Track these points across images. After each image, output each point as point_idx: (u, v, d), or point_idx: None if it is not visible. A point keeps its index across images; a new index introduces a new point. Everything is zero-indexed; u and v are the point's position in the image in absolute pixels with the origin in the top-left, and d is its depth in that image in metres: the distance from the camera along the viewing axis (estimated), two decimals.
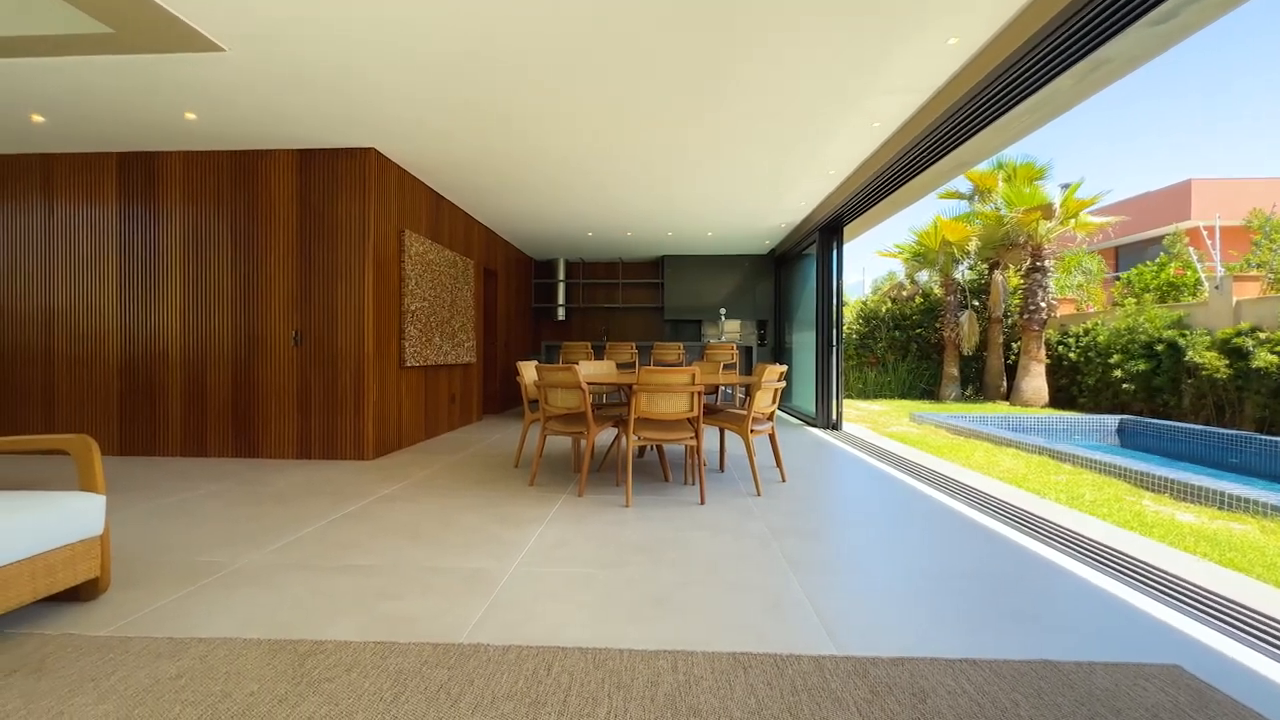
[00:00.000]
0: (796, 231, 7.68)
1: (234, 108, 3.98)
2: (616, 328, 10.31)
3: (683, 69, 3.37)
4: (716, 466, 4.48)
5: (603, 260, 10.15)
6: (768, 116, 4.04)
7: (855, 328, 13.04)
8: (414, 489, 3.77)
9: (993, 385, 11.73)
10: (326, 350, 4.76)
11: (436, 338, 5.82)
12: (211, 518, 3.11)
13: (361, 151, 4.72)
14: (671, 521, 3.09)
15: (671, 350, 7.04)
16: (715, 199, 6.22)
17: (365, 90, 3.71)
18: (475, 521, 3.06)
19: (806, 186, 5.73)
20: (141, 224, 4.89)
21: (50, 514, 1.88)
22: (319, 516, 3.13)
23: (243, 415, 4.83)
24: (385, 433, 5.00)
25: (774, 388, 3.86)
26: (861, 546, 2.77)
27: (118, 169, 4.90)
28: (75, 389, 4.97)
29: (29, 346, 5.00)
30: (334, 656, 1.69)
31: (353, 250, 4.74)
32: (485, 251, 7.56)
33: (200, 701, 1.47)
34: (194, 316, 4.87)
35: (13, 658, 1.68)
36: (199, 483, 3.90)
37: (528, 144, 4.62)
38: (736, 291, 9.59)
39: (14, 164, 4.95)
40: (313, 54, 3.26)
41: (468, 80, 3.54)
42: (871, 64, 3.29)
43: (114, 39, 3.12)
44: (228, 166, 4.83)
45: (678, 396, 3.40)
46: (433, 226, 5.93)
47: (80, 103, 3.92)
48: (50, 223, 4.96)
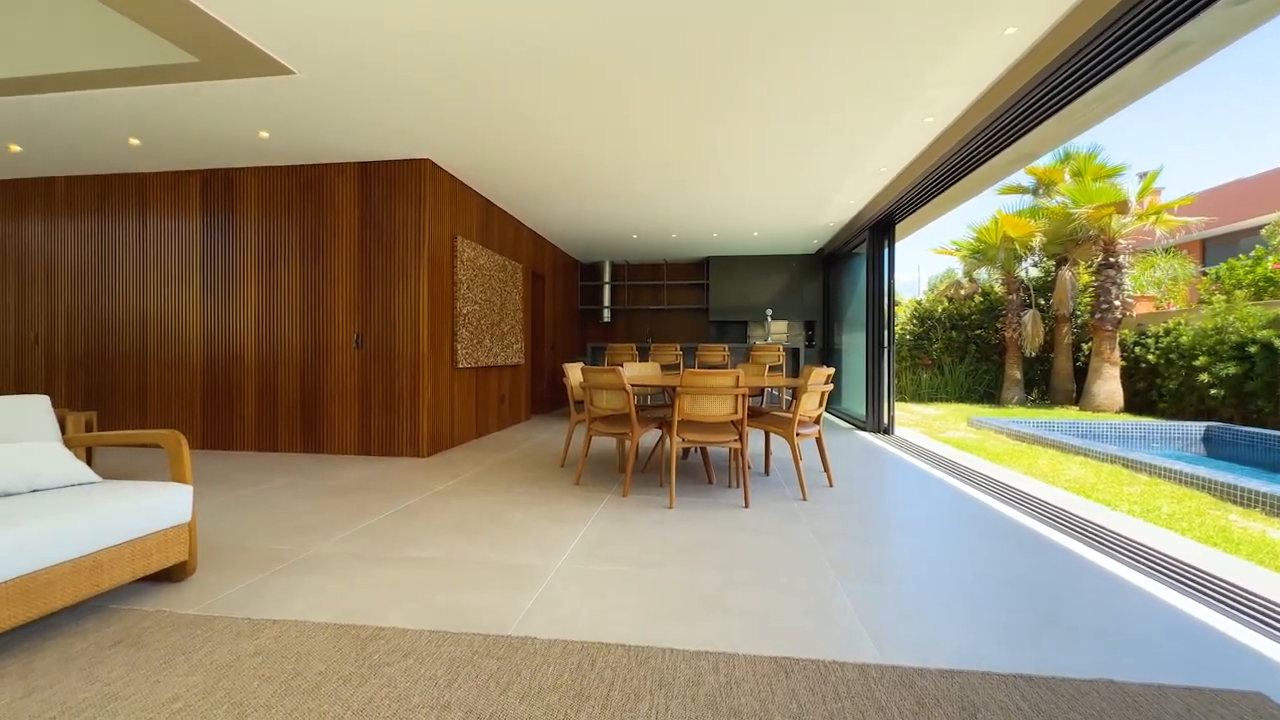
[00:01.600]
0: (845, 230, 7.49)
1: (302, 125, 4.25)
2: (661, 329, 10.34)
3: (729, 69, 3.37)
4: (761, 470, 4.44)
5: (648, 262, 10.21)
6: (816, 116, 3.97)
7: (909, 328, 12.58)
8: (465, 486, 3.91)
9: (1060, 389, 11.08)
10: (385, 352, 5.01)
11: (487, 340, 6.02)
12: (282, 509, 3.34)
13: (417, 162, 4.94)
14: (715, 523, 3.09)
15: (716, 352, 7.01)
16: (761, 200, 6.16)
17: (421, 105, 3.89)
18: (523, 519, 3.15)
19: (855, 185, 5.60)
20: (221, 236, 5.29)
21: (147, 503, 2.07)
22: (378, 510, 3.31)
23: (310, 413, 5.14)
24: (439, 431, 5.21)
25: (821, 391, 3.79)
26: (911, 553, 2.69)
27: (201, 186, 5.32)
28: (164, 387, 5.42)
29: (127, 349, 5.49)
30: (393, 642, 1.79)
31: (409, 256, 4.97)
32: (533, 255, 7.75)
33: (275, 678, 1.59)
34: (267, 321, 5.22)
35: (116, 630, 1.87)
36: (271, 476, 4.19)
37: (573, 152, 4.72)
38: (783, 292, 9.44)
39: (114, 184, 5.45)
40: (374, 73, 3.45)
41: (518, 95, 3.66)
42: (924, 58, 3.19)
43: (199, 67, 3.40)
44: (296, 180, 5.15)
45: (722, 399, 3.40)
46: (483, 232, 6.13)
47: (169, 127, 4.28)
48: (144, 236, 5.44)
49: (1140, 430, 7.97)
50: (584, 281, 10.33)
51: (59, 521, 1.79)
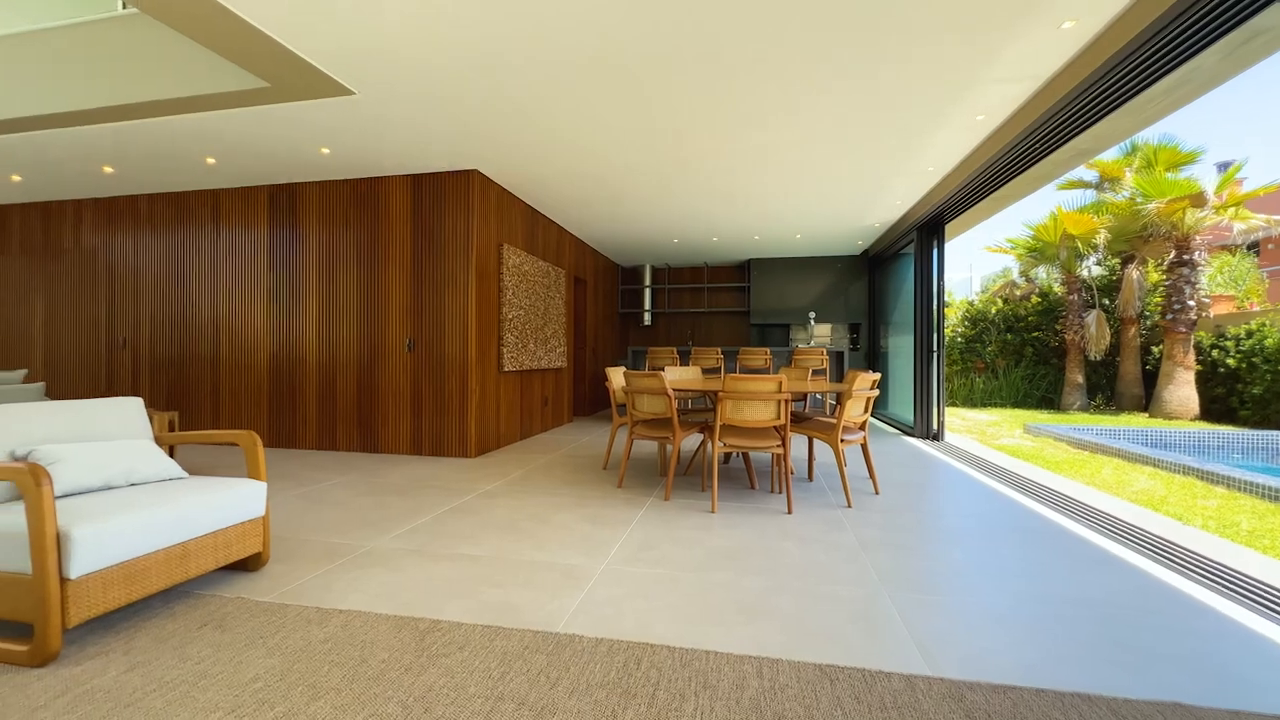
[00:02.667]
0: (892, 231, 7.32)
1: (359, 141, 4.49)
2: (702, 332, 10.33)
3: (775, 74, 3.37)
4: (804, 475, 4.39)
5: (688, 265, 10.22)
6: (863, 117, 3.92)
7: (960, 330, 12.13)
8: (512, 486, 4.04)
9: (1127, 394, 10.46)
10: (435, 356, 5.21)
11: (531, 344, 6.17)
12: (343, 505, 3.53)
13: (466, 174, 5.13)
14: (758, 529, 3.09)
15: (758, 355, 6.97)
16: (805, 202, 6.09)
17: (470, 121, 4.05)
18: (568, 520, 3.24)
19: (903, 185, 5.47)
20: (286, 246, 5.62)
21: (228, 498, 2.25)
22: (431, 509, 3.46)
23: (366, 414, 5.40)
24: (486, 432, 5.38)
25: (866, 396, 3.73)
26: (962, 565, 2.62)
27: (268, 199, 5.67)
28: (234, 388, 5.80)
29: (201, 352, 5.90)
30: (449, 635, 1.89)
31: (458, 264, 5.16)
32: (575, 261, 7.89)
33: (344, 664, 1.71)
34: (327, 326, 5.52)
35: (202, 614, 2.03)
36: (331, 473, 4.43)
37: (616, 162, 4.80)
38: (827, 294, 9.28)
39: (191, 200, 5.87)
40: (427, 93, 3.63)
41: (563, 109, 3.76)
42: (975, 54, 3.11)
43: (270, 91, 3.65)
44: (353, 192, 5.43)
45: (764, 404, 3.40)
46: (528, 239, 6.30)
47: (242, 146, 4.60)
48: (217, 247, 5.84)
49: (1218, 439, 7.45)
50: (624, 285, 10.43)
51: (155, 514, 1.97)
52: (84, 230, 6.23)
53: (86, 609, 1.77)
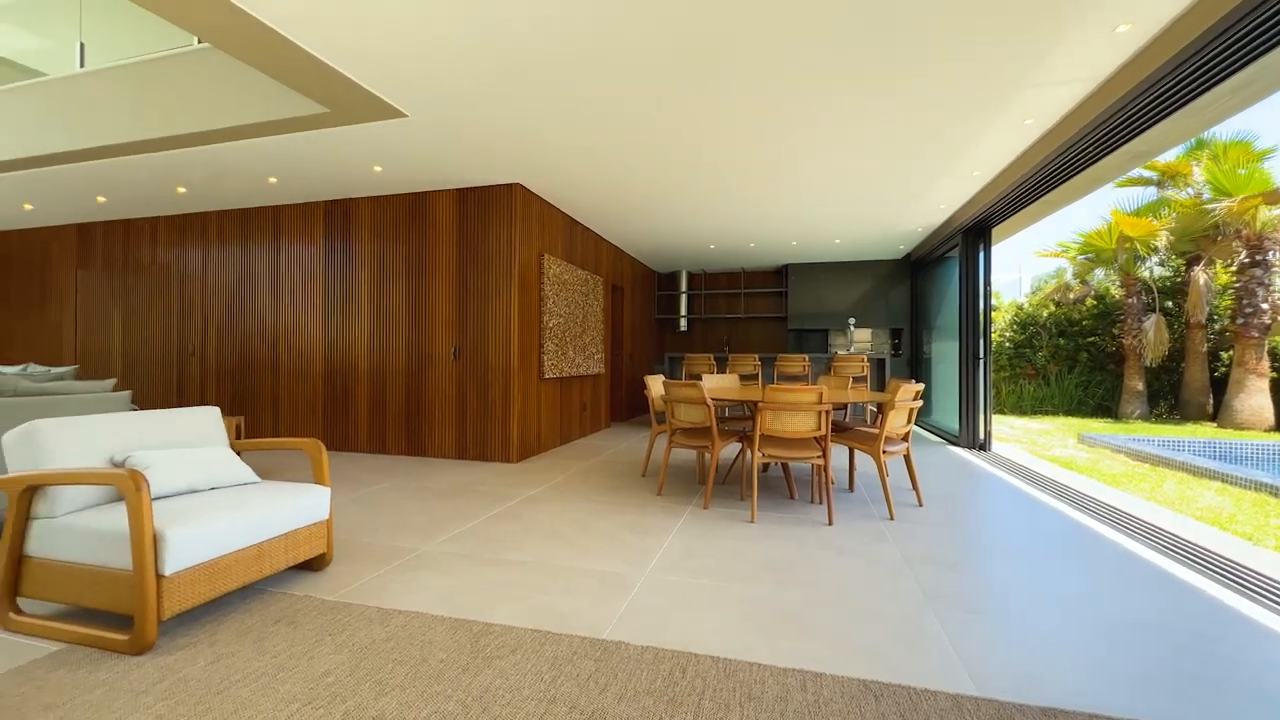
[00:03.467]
0: (935, 235, 7.15)
1: (410, 159, 4.70)
2: (739, 338, 10.29)
3: (816, 78, 3.38)
4: (845, 485, 4.35)
5: (724, 271, 10.21)
6: (905, 122, 3.88)
7: (1009, 335, 11.71)
8: (553, 492, 4.14)
9: (1193, 403, 9.89)
10: (479, 364, 5.39)
11: (570, 351, 6.30)
12: (395, 508, 3.70)
13: (509, 187, 5.29)
14: (798, 540, 3.09)
15: (796, 362, 6.91)
16: (846, 207, 6.03)
17: (515, 138, 4.19)
18: (609, 527, 3.31)
19: (946, 189, 5.35)
20: (340, 258, 5.91)
21: (297, 501, 2.41)
22: (477, 514, 3.59)
23: (414, 419, 5.62)
24: (527, 438, 5.52)
25: (909, 407, 3.68)
26: (1010, 583, 2.57)
27: (324, 215, 5.98)
28: (292, 394, 6.12)
29: (262, 360, 6.25)
30: (501, 638, 1.98)
31: (501, 274, 5.32)
32: (613, 268, 8.00)
33: (406, 662, 1.82)
34: (377, 335, 5.77)
35: (275, 610, 2.19)
36: (383, 477, 4.63)
37: (655, 170, 4.87)
38: (866, 299, 9.12)
39: (255, 216, 6.24)
40: (475, 113, 3.78)
41: (603, 126, 3.86)
42: (1024, 58, 3.05)
43: (329, 116, 3.87)
44: (402, 207, 5.67)
45: (804, 415, 3.40)
46: (568, 248, 6.43)
47: (301, 166, 4.88)
48: (278, 260, 6.18)
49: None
50: (661, 291, 10.49)
51: (234, 517, 2.14)
52: (158, 246, 6.70)
53: (177, 603, 1.94)
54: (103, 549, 1.95)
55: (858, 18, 2.69)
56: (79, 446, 2.18)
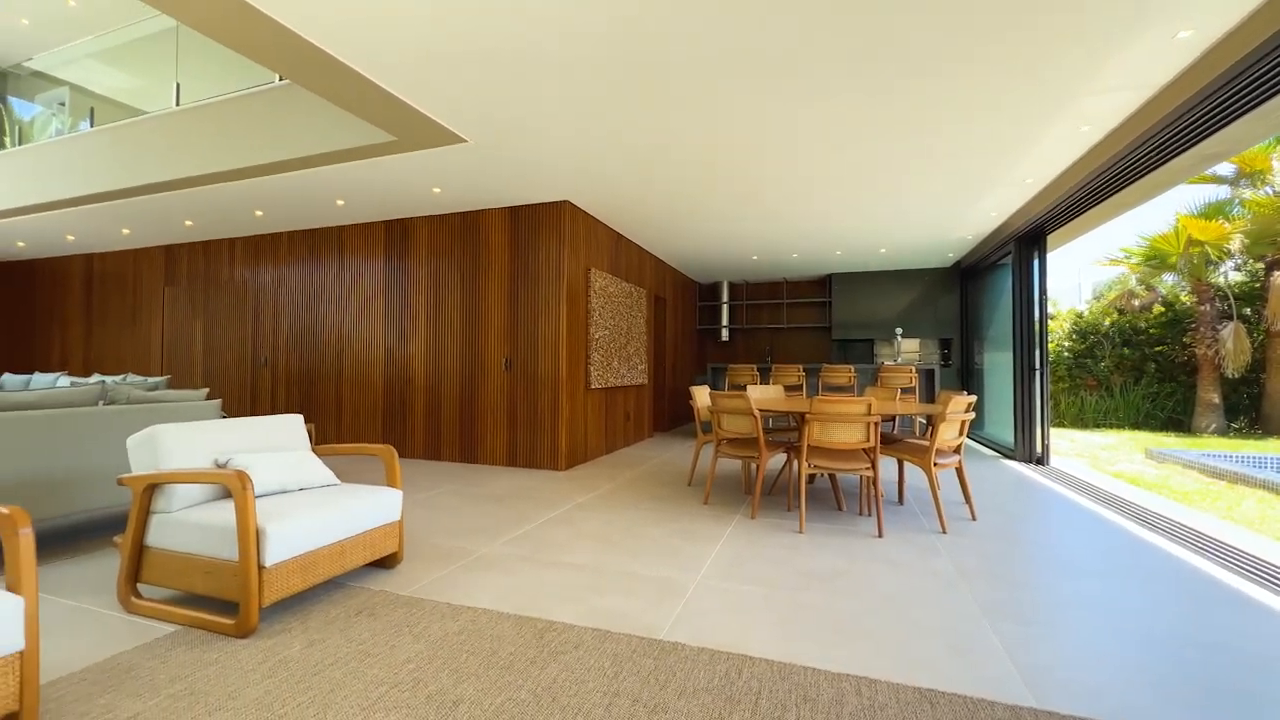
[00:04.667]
0: (986, 243, 6.99)
1: (467, 180, 4.97)
2: (781, 348, 10.24)
3: (864, 87, 3.43)
4: (894, 498, 4.31)
5: (766, 281, 10.21)
6: (955, 130, 3.87)
7: (1067, 344, 11.21)
8: (602, 500, 4.26)
9: (1276, 416, 9.23)
10: (529, 374, 5.59)
11: (615, 362, 6.45)
12: (454, 512, 3.89)
13: (558, 204, 5.51)
14: (847, 551, 3.11)
15: (842, 373, 6.85)
16: (893, 216, 5.99)
17: (565, 159, 4.39)
18: (658, 535, 3.40)
19: (998, 197, 5.26)
20: (399, 275, 6.26)
21: (374, 502, 2.61)
22: (531, 518, 3.74)
23: (467, 427, 5.87)
24: (575, 446, 5.68)
25: (961, 419, 3.64)
26: (1072, 599, 2.52)
27: (385, 234, 6.35)
28: (355, 403, 6.48)
29: (327, 370, 6.65)
30: (563, 635, 2.10)
31: (550, 288, 5.53)
32: (656, 280, 8.14)
33: (478, 653, 1.96)
34: (434, 346, 6.07)
35: (356, 603, 2.38)
36: (440, 482, 4.86)
37: (700, 185, 4.98)
38: (914, 308, 8.94)
39: (321, 236, 6.68)
40: (530, 137, 4.00)
41: (649, 143, 4.00)
42: (1081, 63, 3.02)
43: (395, 143, 4.16)
44: (458, 225, 5.97)
45: (852, 426, 3.41)
46: (613, 262, 6.61)
47: (366, 189, 5.22)
48: (342, 277, 6.59)
49: None
50: (702, 302, 10.56)
51: (323, 515, 2.34)
52: (236, 264, 7.24)
53: (275, 592, 2.14)
54: (211, 541, 2.17)
55: (929, 32, 2.75)
56: (189, 449, 2.43)
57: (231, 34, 2.83)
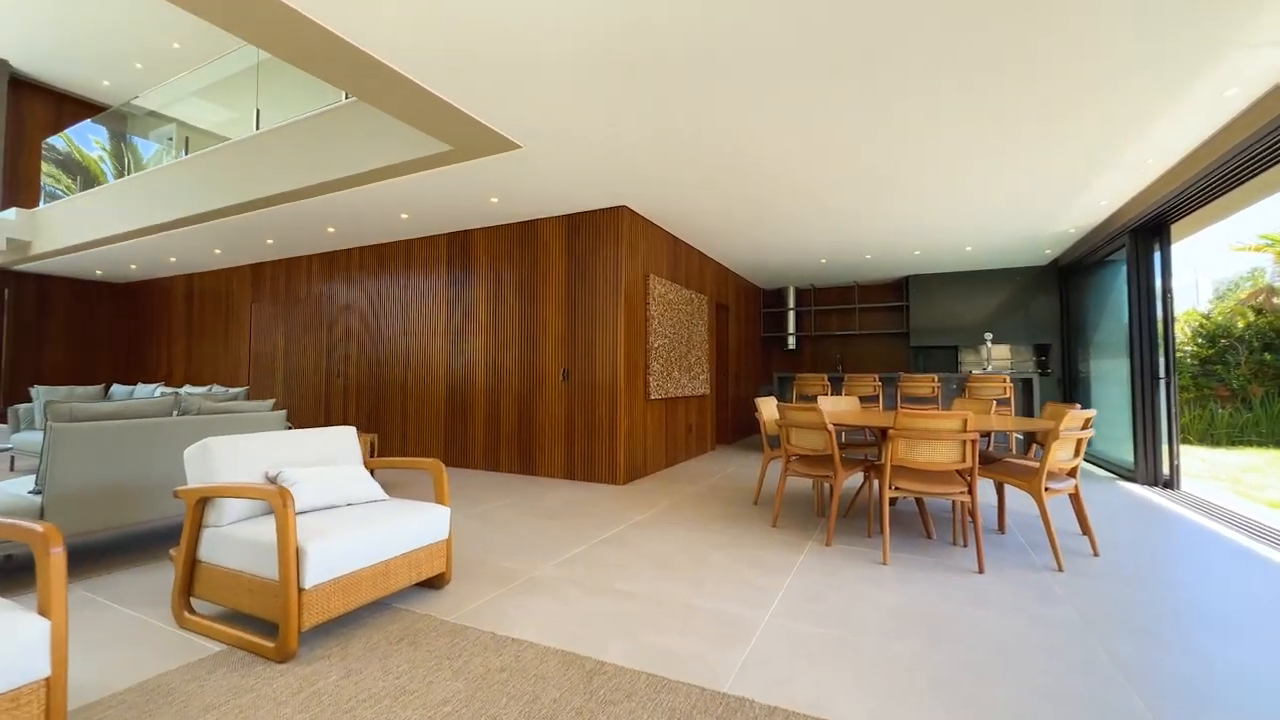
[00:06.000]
0: (1092, 237, 6.21)
1: (523, 189, 4.90)
2: (852, 356, 9.63)
3: (958, 68, 3.04)
4: (993, 525, 3.79)
5: (836, 285, 9.65)
6: (1065, 111, 3.38)
7: (1190, 349, 9.88)
8: (662, 518, 4.01)
9: None
10: (587, 385, 5.44)
11: (676, 371, 6.20)
12: (509, 527, 3.76)
13: (615, 210, 5.36)
14: (941, 589, 2.69)
15: (923, 383, 6.26)
16: (983, 213, 5.42)
17: (622, 166, 4.23)
18: (723, 561, 3.10)
19: (1110, 182, 4.61)
20: (460, 286, 6.31)
21: (421, 521, 2.49)
22: (586, 537, 3.54)
23: (525, 439, 5.80)
24: (634, 460, 5.46)
25: (1077, 438, 3.12)
26: (1246, 666, 2.02)
27: (447, 245, 6.44)
28: (419, 412, 6.58)
29: (394, 379, 6.81)
30: (614, 680, 1.86)
31: (608, 297, 5.37)
32: (717, 286, 7.84)
33: (520, 697, 1.75)
34: (493, 357, 6.05)
35: (399, 628, 2.25)
36: (497, 495, 4.77)
37: (766, 189, 4.68)
38: (1003, 311, 8.13)
39: (390, 250, 6.88)
40: (586, 145, 3.86)
41: (712, 145, 3.76)
42: (1231, 13, 2.51)
43: (452, 153, 4.14)
44: (515, 235, 5.95)
45: (945, 444, 2.99)
46: (672, 268, 6.39)
47: (427, 201, 5.28)
48: (408, 288, 6.74)
49: None
50: (767, 308, 10.13)
51: (366, 534, 2.23)
52: (312, 279, 7.60)
53: (315, 615, 2.04)
54: (256, 558, 2.11)
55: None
56: (241, 462, 2.40)
57: (299, 52, 2.85)
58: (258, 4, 2.47)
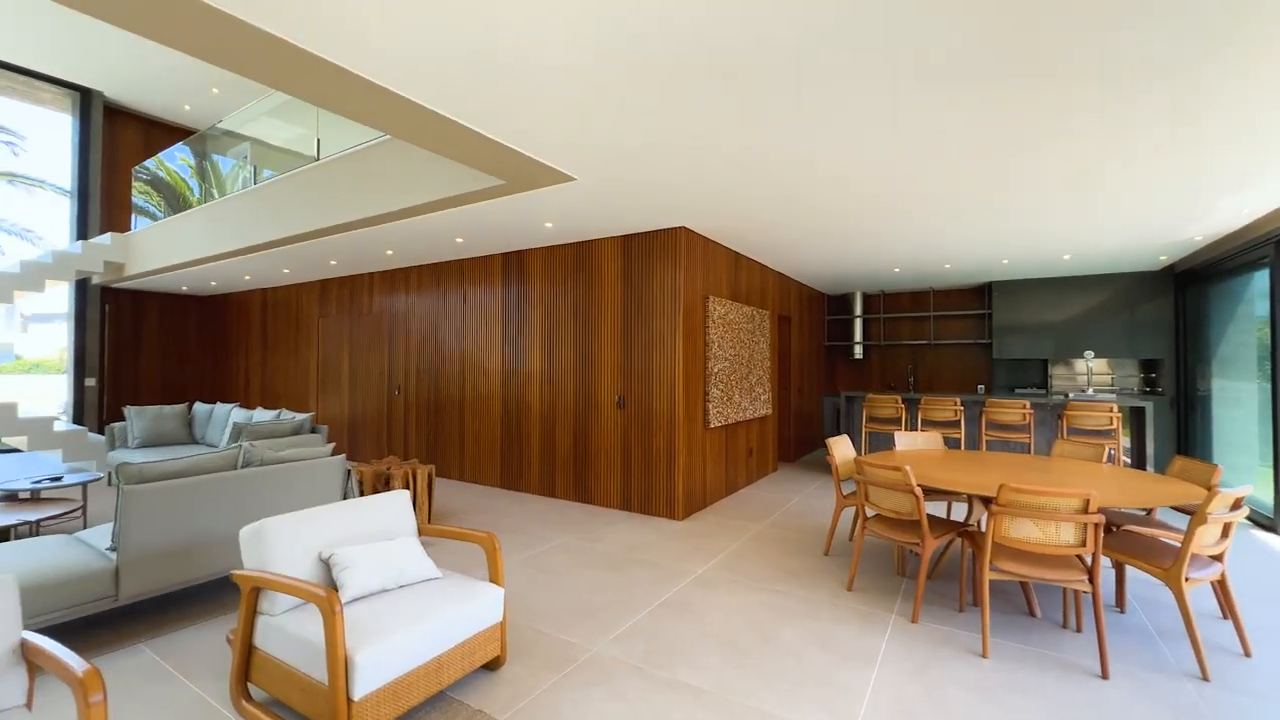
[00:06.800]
0: (1224, 243, 5.40)
1: (577, 214, 4.71)
2: (926, 368, 8.97)
3: (1094, 64, 2.59)
4: (1109, 596, 3.31)
5: (908, 290, 8.99)
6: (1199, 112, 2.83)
7: None
8: (724, 571, 3.76)
9: None
10: (643, 414, 5.23)
11: (736, 394, 5.89)
12: (561, 579, 3.60)
13: (673, 231, 5.08)
14: (1058, 703, 2.31)
15: (1012, 409, 5.67)
16: (1092, 224, 4.78)
17: (681, 189, 3.95)
18: (795, 640, 2.83)
19: (1262, 189, 3.92)
20: (516, 305, 6.23)
21: (474, 607, 2.35)
22: (645, 598, 3.33)
23: (580, 466, 5.66)
24: (692, 491, 5.22)
25: (1226, 520, 2.63)
26: None
27: (502, 265, 6.36)
28: (476, 432, 6.58)
29: (452, 397, 6.84)
30: None
31: (665, 321, 5.12)
32: (780, 298, 7.43)
33: None
34: (548, 381, 5.94)
35: None
36: (552, 531, 4.65)
37: (840, 201, 4.28)
38: (1104, 319, 7.29)
39: (444, 269, 6.88)
40: (640, 173, 3.61)
41: (784, 168, 3.42)
42: None
43: (505, 186, 3.98)
44: (570, 255, 5.78)
45: (1060, 524, 2.58)
46: (732, 286, 6.05)
47: (481, 227, 5.18)
48: (463, 308, 6.73)
49: None
50: (831, 315, 9.59)
51: (417, 632, 2.11)
52: (374, 296, 7.74)
53: None
54: (306, 657, 2.02)
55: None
56: (294, 546, 2.33)
57: (348, 105, 2.74)
58: (314, 66, 2.36)
